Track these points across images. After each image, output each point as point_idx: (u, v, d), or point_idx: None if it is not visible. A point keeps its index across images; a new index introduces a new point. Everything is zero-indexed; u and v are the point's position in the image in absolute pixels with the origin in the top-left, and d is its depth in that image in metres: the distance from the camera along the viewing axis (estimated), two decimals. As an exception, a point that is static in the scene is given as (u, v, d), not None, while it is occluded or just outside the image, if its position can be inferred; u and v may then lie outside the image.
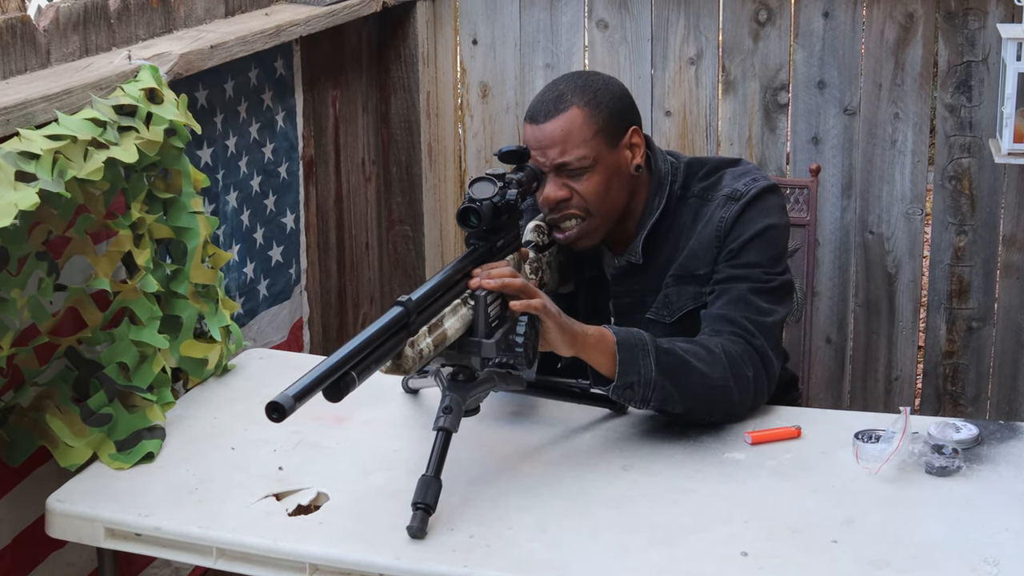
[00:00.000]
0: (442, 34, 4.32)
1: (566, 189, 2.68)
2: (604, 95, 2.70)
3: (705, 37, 4.03)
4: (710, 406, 2.58)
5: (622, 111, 2.73)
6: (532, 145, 2.68)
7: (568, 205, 2.69)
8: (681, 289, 2.76)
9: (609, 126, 2.69)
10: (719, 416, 2.60)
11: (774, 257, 2.73)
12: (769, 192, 2.76)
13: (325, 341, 3.94)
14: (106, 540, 2.36)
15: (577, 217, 2.70)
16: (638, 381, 2.48)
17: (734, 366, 2.58)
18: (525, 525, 2.25)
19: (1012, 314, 3.94)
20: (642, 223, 2.78)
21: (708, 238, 2.73)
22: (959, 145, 3.86)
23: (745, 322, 2.64)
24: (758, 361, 2.62)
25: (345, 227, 4.06)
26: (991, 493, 2.33)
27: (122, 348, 2.65)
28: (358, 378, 2.05)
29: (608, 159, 2.69)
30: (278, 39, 3.38)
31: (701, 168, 2.82)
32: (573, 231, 2.72)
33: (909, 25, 3.84)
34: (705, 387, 2.55)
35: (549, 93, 2.71)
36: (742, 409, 2.62)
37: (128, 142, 2.56)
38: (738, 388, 2.58)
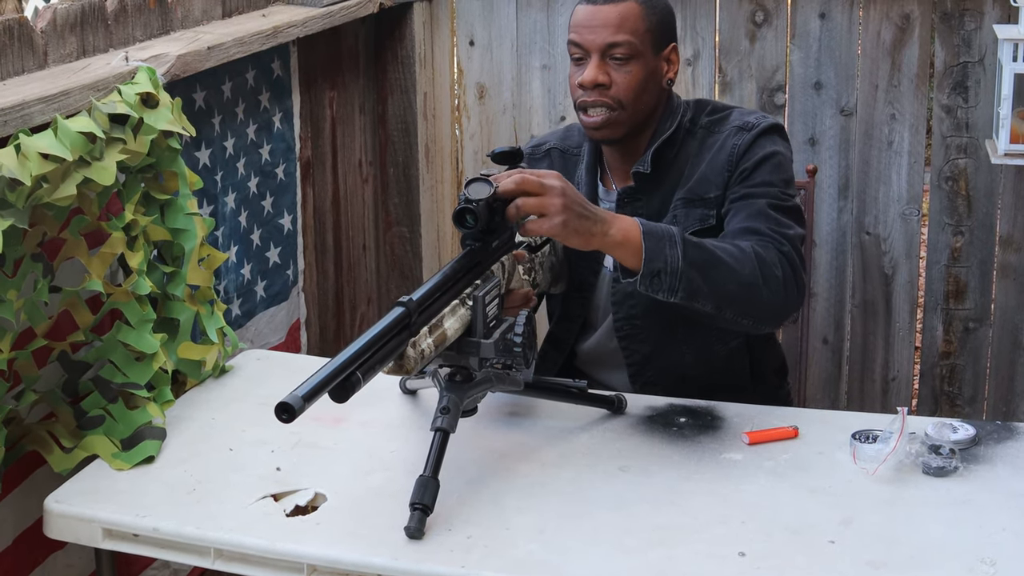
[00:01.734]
0: (439, 35, 4.32)
1: (606, 75, 2.77)
2: (660, 3, 2.83)
3: (702, 38, 4.03)
4: (740, 305, 2.60)
5: (670, 24, 2.86)
6: (583, 23, 2.80)
7: (604, 92, 2.77)
8: (689, 211, 2.80)
9: (658, 31, 2.80)
10: (749, 320, 2.63)
11: (786, 180, 2.80)
12: (779, 128, 2.86)
13: (323, 342, 3.94)
14: (104, 541, 2.36)
15: (607, 107, 2.78)
16: (664, 269, 2.49)
17: (764, 265, 2.60)
18: (523, 526, 2.25)
19: (1009, 315, 3.94)
20: (652, 140, 2.85)
21: (720, 163, 2.80)
22: (955, 146, 3.87)
23: (770, 232, 2.68)
24: (787, 265, 2.64)
25: (342, 228, 4.06)
26: (988, 493, 2.33)
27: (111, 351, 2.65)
28: (363, 378, 2.06)
29: (650, 60, 2.80)
30: (275, 40, 3.38)
31: (708, 106, 2.92)
32: (600, 117, 2.79)
33: (905, 26, 3.84)
34: (735, 282, 2.57)
35: None
36: (773, 310, 2.65)
37: (111, 157, 2.55)
38: (768, 287, 2.60)
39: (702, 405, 2.68)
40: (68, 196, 2.44)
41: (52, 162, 2.39)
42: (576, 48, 2.81)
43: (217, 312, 2.91)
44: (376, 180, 4.27)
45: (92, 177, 2.49)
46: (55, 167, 2.40)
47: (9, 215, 2.32)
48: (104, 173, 2.52)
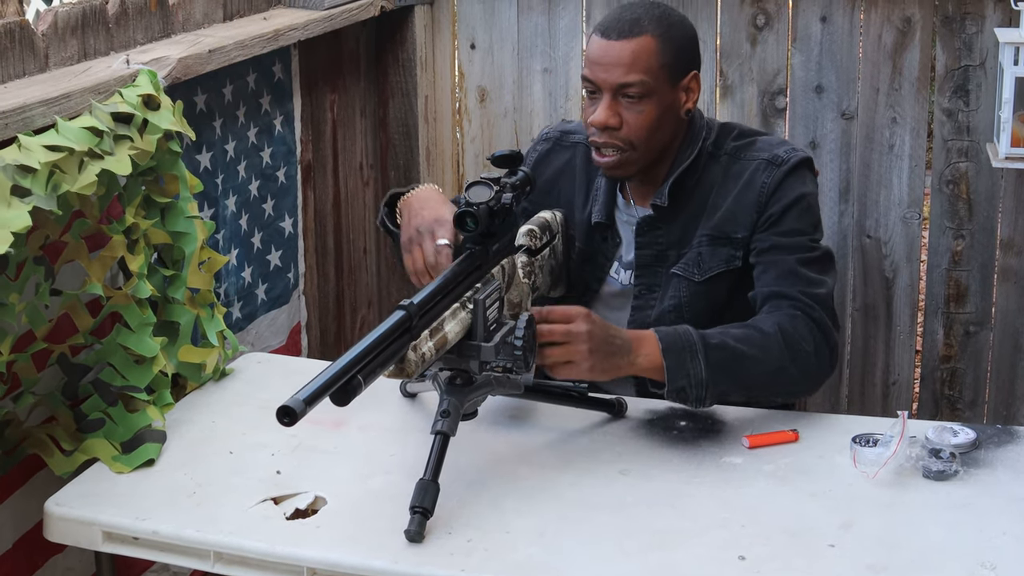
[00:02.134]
0: (440, 39, 4.32)
1: (617, 117, 2.71)
2: (678, 31, 2.76)
3: (703, 42, 4.00)
4: (770, 389, 2.64)
5: (690, 52, 2.79)
6: (596, 59, 2.72)
7: (615, 134, 2.73)
8: (715, 250, 2.78)
9: (675, 63, 2.73)
10: (784, 395, 2.68)
11: (814, 224, 2.78)
12: (807, 164, 2.81)
13: (323, 345, 3.94)
14: (104, 544, 2.36)
15: (619, 148, 2.73)
16: (689, 384, 2.52)
17: (791, 345, 2.60)
18: (523, 529, 2.25)
19: (1010, 318, 3.94)
20: (671, 170, 2.81)
21: (749, 202, 2.76)
22: (957, 149, 3.87)
23: (800, 295, 2.66)
24: (818, 333, 2.64)
25: (343, 231, 4.06)
26: (989, 497, 2.34)
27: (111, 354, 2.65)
28: (364, 382, 2.06)
29: (666, 95, 2.73)
30: (276, 43, 3.38)
31: (734, 130, 2.87)
32: (612, 159, 2.75)
33: (907, 29, 3.84)
34: (762, 374, 2.58)
35: (626, 13, 2.75)
36: (805, 385, 2.67)
37: (122, 152, 2.56)
38: (797, 366, 2.60)
39: (703, 409, 2.68)
40: (91, 184, 2.43)
41: (57, 152, 2.39)
42: (588, 83, 2.75)
43: (217, 315, 2.91)
44: (377, 183, 4.27)
45: (109, 168, 2.49)
46: (65, 155, 2.40)
47: (32, 199, 2.31)
48: (120, 164, 2.53)
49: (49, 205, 2.34)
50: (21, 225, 2.25)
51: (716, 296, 2.78)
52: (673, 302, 2.79)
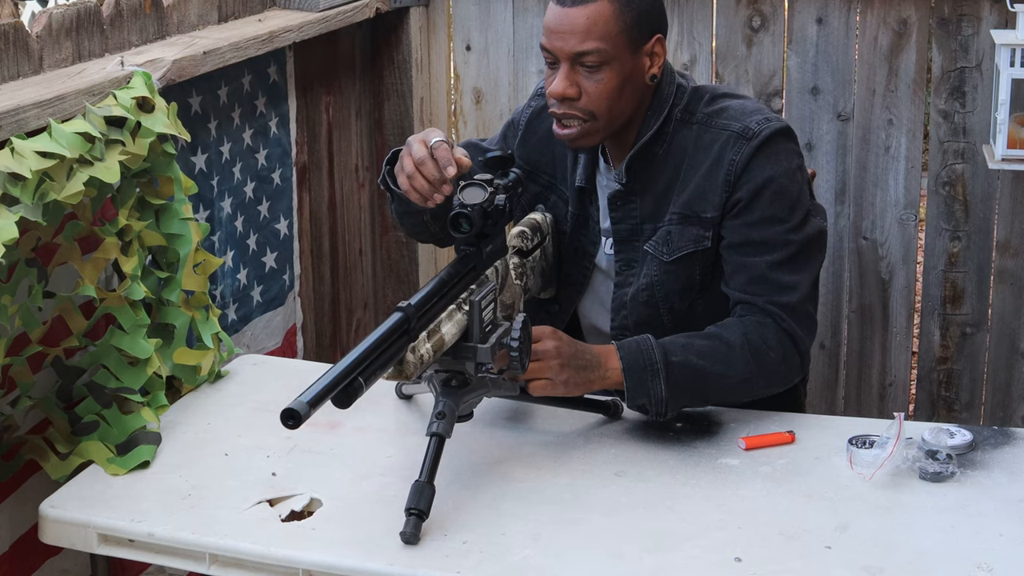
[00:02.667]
0: (436, 40, 4.32)
1: (575, 87, 2.61)
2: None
3: (699, 43, 4.03)
4: (735, 397, 2.66)
5: (651, 15, 2.65)
6: (552, 28, 2.60)
7: (573, 104, 2.63)
8: (684, 229, 2.69)
9: (635, 28, 2.61)
10: (748, 401, 2.67)
11: (790, 207, 2.65)
12: (782, 135, 2.69)
13: (319, 347, 3.94)
14: (99, 546, 2.36)
15: (580, 119, 2.63)
16: (649, 402, 2.54)
17: (757, 355, 2.58)
18: (518, 531, 2.25)
19: (1006, 320, 3.94)
20: (635, 142, 2.72)
21: (717, 181, 2.65)
22: (953, 151, 3.87)
23: (769, 306, 2.61)
24: (787, 341, 2.61)
25: (338, 233, 4.06)
26: (985, 499, 2.33)
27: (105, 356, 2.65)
28: (365, 384, 2.06)
29: (626, 62, 2.62)
30: (271, 45, 3.38)
31: (706, 94, 2.75)
32: (574, 130, 2.65)
33: (903, 31, 3.84)
34: (725, 388, 2.59)
35: None
36: (772, 391, 2.66)
37: (113, 158, 2.55)
38: (763, 376, 2.60)
39: (698, 410, 2.68)
40: (76, 193, 2.43)
41: (49, 159, 2.39)
42: (547, 53, 2.64)
43: (212, 317, 2.90)
44: (373, 185, 4.27)
45: (97, 176, 2.49)
46: (55, 163, 2.40)
47: (18, 208, 2.31)
48: (108, 172, 2.52)
49: (35, 216, 2.35)
50: (8, 236, 2.25)
51: (688, 276, 2.72)
52: (646, 280, 2.74)
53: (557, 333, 2.49)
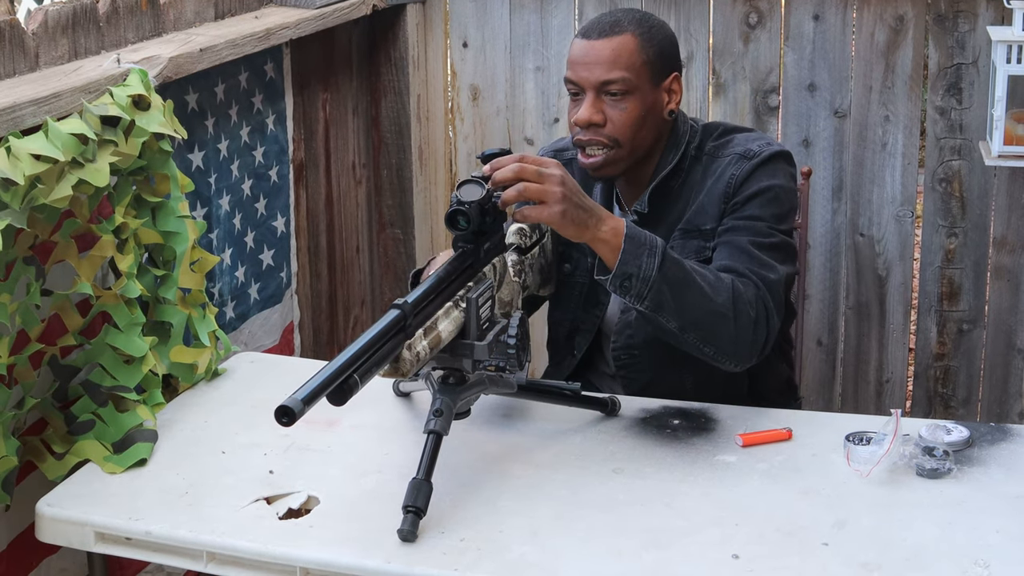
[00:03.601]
0: (432, 37, 4.32)
1: (601, 114, 2.72)
2: (659, 33, 2.77)
3: (695, 40, 4.03)
4: (704, 331, 2.57)
5: (671, 54, 2.79)
6: (578, 59, 2.73)
7: (599, 131, 2.72)
8: (686, 243, 2.76)
9: (657, 62, 2.74)
10: (711, 349, 2.59)
11: (778, 215, 2.74)
12: (781, 157, 2.80)
13: (316, 345, 3.93)
14: (96, 544, 2.36)
15: (605, 146, 2.73)
16: (637, 275, 2.48)
17: (739, 301, 2.57)
18: (516, 528, 2.25)
19: (1003, 316, 3.94)
20: (654, 175, 2.81)
21: (717, 194, 2.76)
22: (949, 147, 3.87)
23: (750, 273, 2.64)
24: (762, 309, 2.61)
25: (335, 230, 4.05)
26: (982, 495, 2.33)
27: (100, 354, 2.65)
28: (360, 381, 2.06)
29: (648, 94, 2.74)
30: (268, 42, 3.38)
31: (716, 129, 2.87)
32: (599, 158, 2.74)
33: (899, 28, 3.84)
34: (704, 310, 2.55)
35: (606, 16, 2.78)
36: (735, 347, 2.60)
37: (104, 159, 2.55)
38: (737, 323, 2.57)
39: (696, 407, 2.68)
40: (64, 197, 2.43)
41: (44, 163, 2.39)
42: (571, 85, 2.76)
43: (209, 315, 2.90)
44: (369, 182, 4.27)
45: (86, 178, 2.49)
46: (48, 167, 2.40)
47: (6, 215, 2.32)
48: (98, 175, 2.52)
49: (20, 222, 2.35)
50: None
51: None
52: None
53: (561, 166, 2.46)
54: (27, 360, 2.52)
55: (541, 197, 2.40)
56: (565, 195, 2.41)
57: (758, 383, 2.87)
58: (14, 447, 2.47)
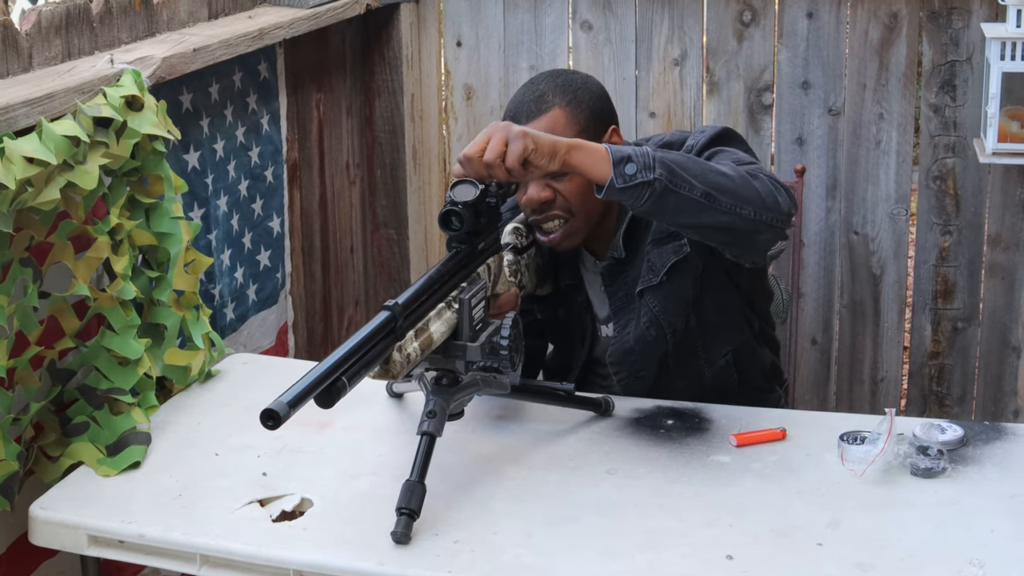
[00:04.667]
0: (426, 36, 4.31)
1: (549, 190, 2.66)
2: (584, 94, 2.70)
3: (689, 38, 4.03)
4: (733, 191, 2.45)
5: (602, 111, 2.73)
6: None
7: (552, 206, 2.68)
8: (661, 249, 2.74)
9: (590, 125, 2.68)
10: (750, 209, 2.46)
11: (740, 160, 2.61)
12: (729, 130, 2.73)
13: (310, 345, 3.93)
14: (89, 547, 2.35)
15: (560, 218, 2.69)
16: (635, 154, 2.36)
17: (744, 169, 2.49)
18: (510, 530, 2.25)
19: (997, 314, 3.94)
20: (620, 219, 2.77)
21: None
22: (944, 145, 3.87)
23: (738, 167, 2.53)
24: (769, 181, 2.51)
25: (329, 230, 4.05)
26: (977, 495, 2.33)
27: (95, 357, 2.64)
28: (348, 383, 2.05)
29: None
30: (261, 42, 3.38)
31: (651, 139, 2.80)
32: (557, 233, 2.70)
33: (893, 25, 3.84)
34: (718, 172, 2.45)
35: (529, 93, 2.70)
36: (776, 200, 2.49)
37: (94, 161, 2.54)
38: (757, 180, 2.48)
39: (689, 407, 2.68)
40: (51, 200, 2.43)
41: (37, 166, 2.39)
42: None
43: (203, 317, 2.90)
44: (363, 182, 4.26)
45: (75, 181, 2.48)
46: (39, 171, 2.39)
47: None
48: (87, 177, 2.51)
49: (7, 226, 2.35)
50: None
51: (683, 291, 2.74)
52: (647, 316, 2.77)
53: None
54: (27, 364, 2.52)
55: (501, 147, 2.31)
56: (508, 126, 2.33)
57: (745, 372, 2.87)
58: (14, 452, 2.47)
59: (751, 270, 2.80)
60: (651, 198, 2.37)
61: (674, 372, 2.82)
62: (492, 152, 2.32)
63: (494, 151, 2.31)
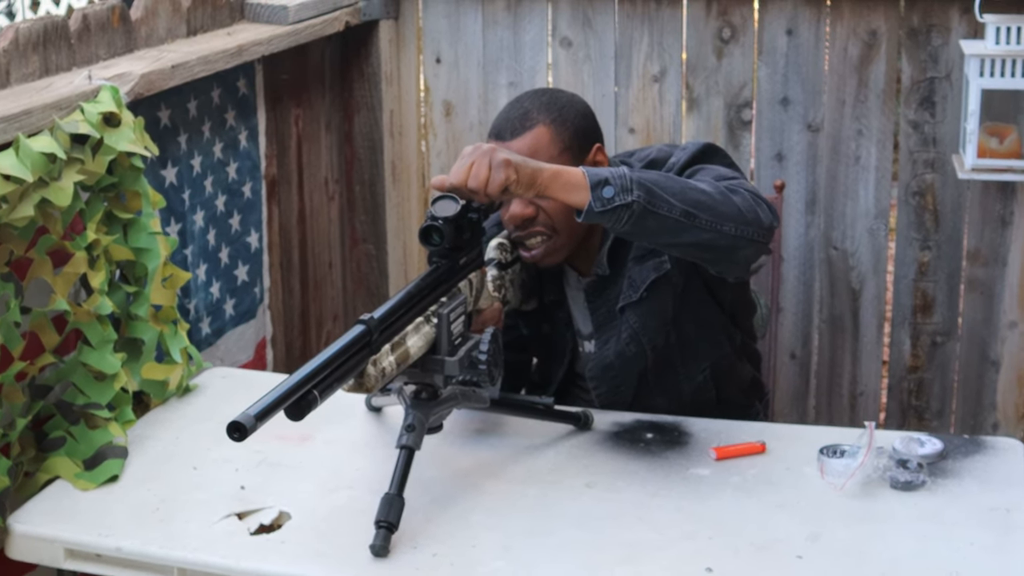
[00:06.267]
0: (405, 53, 4.31)
1: (532, 207, 2.66)
2: (569, 112, 2.70)
3: (669, 55, 4.03)
4: (713, 208, 2.45)
5: (587, 129, 2.72)
6: None
7: (534, 223, 2.68)
8: (641, 266, 2.74)
9: (575, 143, 2.68)
10: (731, 226, 2.47)
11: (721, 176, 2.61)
12: (711, 145, 2.71)
13: (288, 360, 3.92)
14: (67, 561, 2.35)
15: (543, 235, 2.69)
16: (612, 175, 2.37)
17: (724, 186, 2.50)
18: (489, 543, 2.24)
19: (976, 328, 3.95)
20: (605, 235, 2.77)
21: None
22: (923, 161, 3.87)
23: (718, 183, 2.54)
24: (749, 196, 2.52)
25: (308, 246, 4.05)
26: (956, 508, 2.34)
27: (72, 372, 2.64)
28: (320, 397, 2.05)
29: None
30: (240, 59, 3.37)
31: (633, 155, 2.82)
32: (539, 249, 2.70)
33: (872, 42, 3.85)
34: (697, 190, 2.45)
35: (514, 110, 2.70)
36: (756, 216, 2.50)
37: (68, 178, 2.54)
38: (738, 195, 2.49)
39: (669, 421, 2.68)
40: (25, 216, 2.43)
41: (13, 183, 2.38)
42: None
43: (180, 331, 2.89)
44: (342, 198, 4.26)
45: (49, 198, 2.48)
46: (14, 188, 2.39)
47: None
48: (61, 194, 2.51)
49: None
50: None
51: (662, 308, 2.75)
52: (627, 332, 2.77)
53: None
54: (13, 379, 2.51)
55: (482, 170, 2.33)
56: (489, 151, 2.34)
57: (724, 387, 2.87)
58: (5, 467, 2.46)
59: (734, 284, 2.80)
60: (630, 220, 2.39)
61: (653, 387, 2.82)
62: (476, 180, 2.33)
63: (478, 179, 2.33)
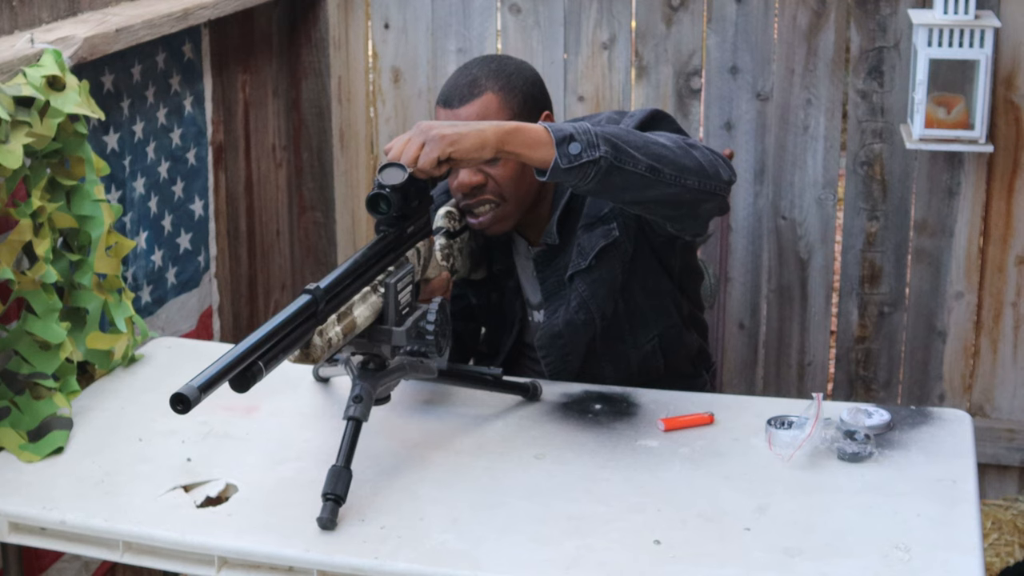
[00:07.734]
0: (353, 18, 4.28)
1: (481, 175, 2.65)
2: (518, 79, 2.69)
3: (618, 22, 4.02)
4: (677, 162, 2.43)
5: (535, 96, 2.72)
6: None
7: (483, 191, 2.67)
8: (590, 234, 2.73)
9: (523, 111, 2.67)
10: (695, 180, 2.46)
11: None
12: (660, 111, 2.69)
13: (236, 329, 3.90)
14: (10, 534, 2.32)
15: (491, 203, 2.68)
16: (576, 131, 2.35)
17: (689, 146, 2.48)
18: (437, 516, 2.23)
19: (923, 299, 3.97)
20: (555, 204, 2.76)
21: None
22: (871, 131, 3.88)
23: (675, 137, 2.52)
24: (709, 151, 2.51)
25: (255, 214, 4.02)
26: (903, 479, 2.34)
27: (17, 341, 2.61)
28: (265, 368, 2.03)
29: None
30: (186, 22, 3.33)
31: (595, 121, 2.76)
32: (487, 216, 2.69)
33: (821, 11, 3.85)
34: (660, 144, 2.44)
35: (463, 77, 2.68)
36: (717, 170, 2.50)
37: (17, 141, 2.50)
38: (698, 149, 2.49)
39: (617, 392, 2.67)
40: None
41: None
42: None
43: (125, 300, 2.86)
44: (290, 165, 4.23)
45: None
46: None
47: None
48: (10, 157, 2.47)
49: None
50: None
51: (611, 276, 2.74)
52: (576, 300, 2.77)
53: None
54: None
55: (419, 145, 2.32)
56: (431, 126, 2.33)
57: (671, 357, 2.87)
58: None
59: (682, 250, 2.80)
60: (596, 176, 2.37)
61: (601, 357, 2.82)
62: (407, 157, 2.33)
63: (408, 156, 2.33)
